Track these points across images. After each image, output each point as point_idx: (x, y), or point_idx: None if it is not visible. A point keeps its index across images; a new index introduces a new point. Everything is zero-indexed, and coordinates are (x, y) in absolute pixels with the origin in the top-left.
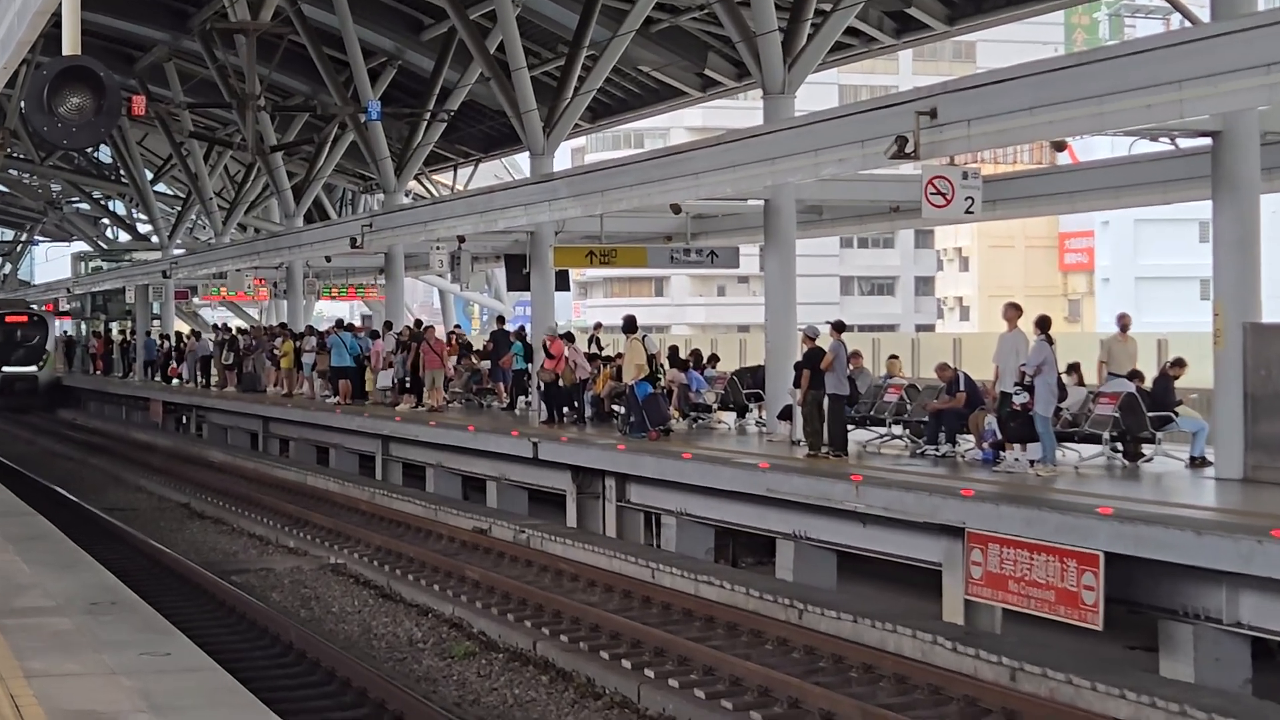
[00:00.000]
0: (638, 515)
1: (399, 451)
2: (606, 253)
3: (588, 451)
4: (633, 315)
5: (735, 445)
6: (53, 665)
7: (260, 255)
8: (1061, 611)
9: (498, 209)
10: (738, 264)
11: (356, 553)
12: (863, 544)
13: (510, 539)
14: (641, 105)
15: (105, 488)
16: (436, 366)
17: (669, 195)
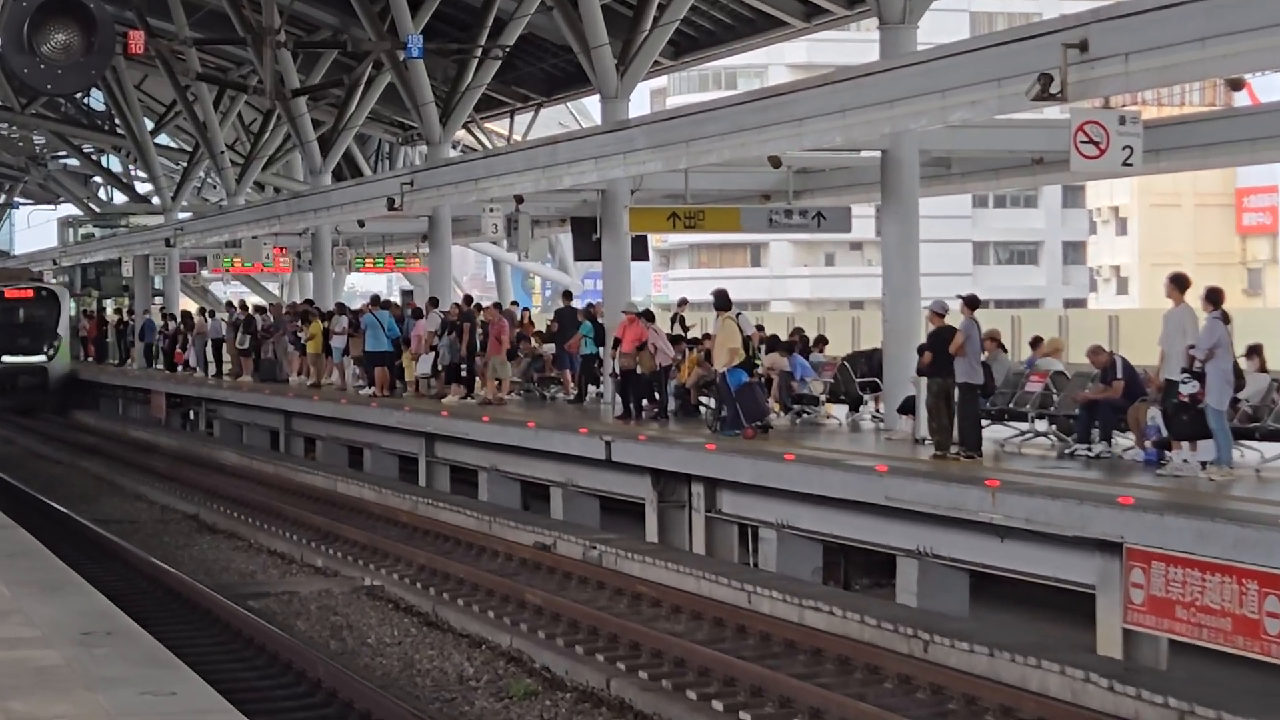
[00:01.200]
0: (730, 528)
1: (446, 452)
2: (692, 215)
3: (671, 452)
4: (724, 289)
5: (847, 444)
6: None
7: (281, 219)
8: (1239, 643)
9: (562, 163)
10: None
11: (396, 573)
12: (1000, 563)
13: (578, 556)
14: (734, 39)
15: (99, 496)
16: (498, 352)
17: (767, 146)
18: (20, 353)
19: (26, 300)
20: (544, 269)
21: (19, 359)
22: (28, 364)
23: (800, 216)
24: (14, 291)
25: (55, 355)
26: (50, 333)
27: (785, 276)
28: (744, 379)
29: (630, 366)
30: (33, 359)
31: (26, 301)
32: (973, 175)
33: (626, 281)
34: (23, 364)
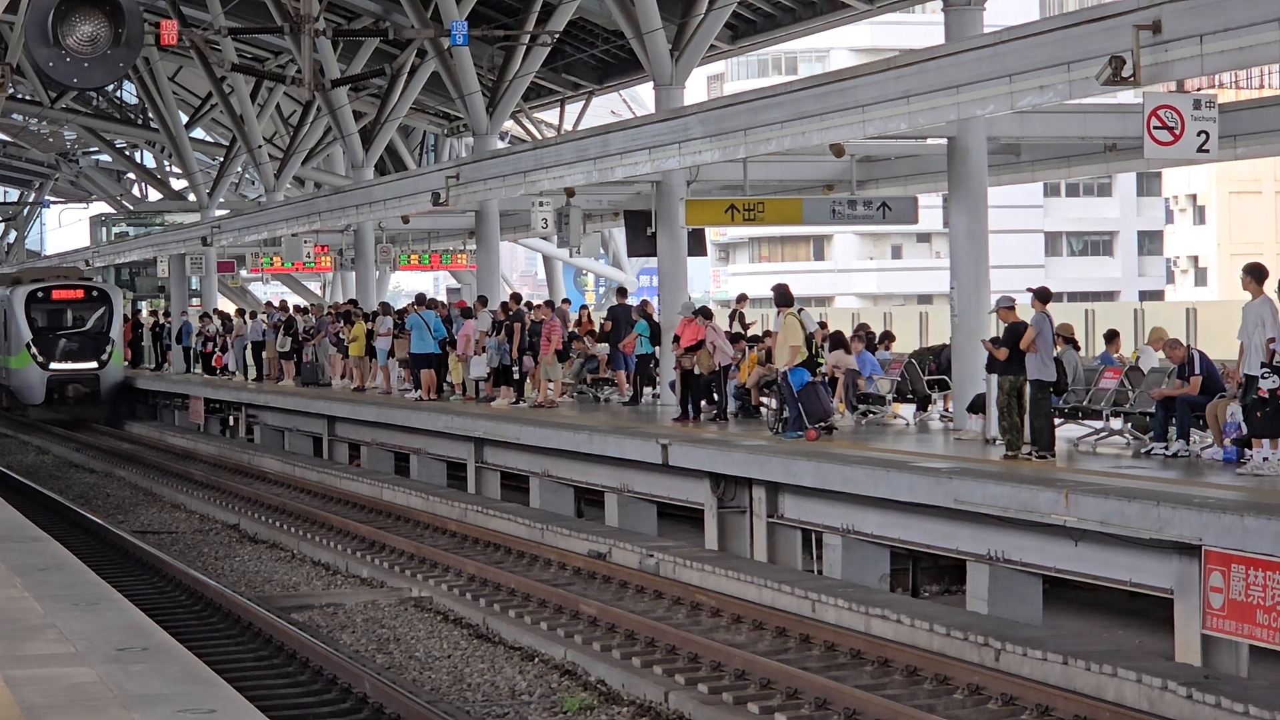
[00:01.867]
0: (793, 534)
1: (496, 458)
2: (751, 206)
3: (731, 455)
4: (785, 284)
5: (915, 445)
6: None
7: (322, 216)
8: None
9: (615, 154)
10: (916, 218)
11: (445, 583)
12: (1074, 567)
13: (635, 565)
14: (794, 21)
15: (135, 506)
16: (549, 353)
17: (829, 134)
18: (70, 359)
19: (76, 301)
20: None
21: (68, 366)
22: (78, 372)
23: (865, 207)
24: (62, 292)
25: (108, 361)
26: (102, 337)
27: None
28: (807, 378)
29: (688, 366)
30: (84, 366)
31: (76, 303)
32: (1043, 163)
33: (683, 277)
34: (73, 372)
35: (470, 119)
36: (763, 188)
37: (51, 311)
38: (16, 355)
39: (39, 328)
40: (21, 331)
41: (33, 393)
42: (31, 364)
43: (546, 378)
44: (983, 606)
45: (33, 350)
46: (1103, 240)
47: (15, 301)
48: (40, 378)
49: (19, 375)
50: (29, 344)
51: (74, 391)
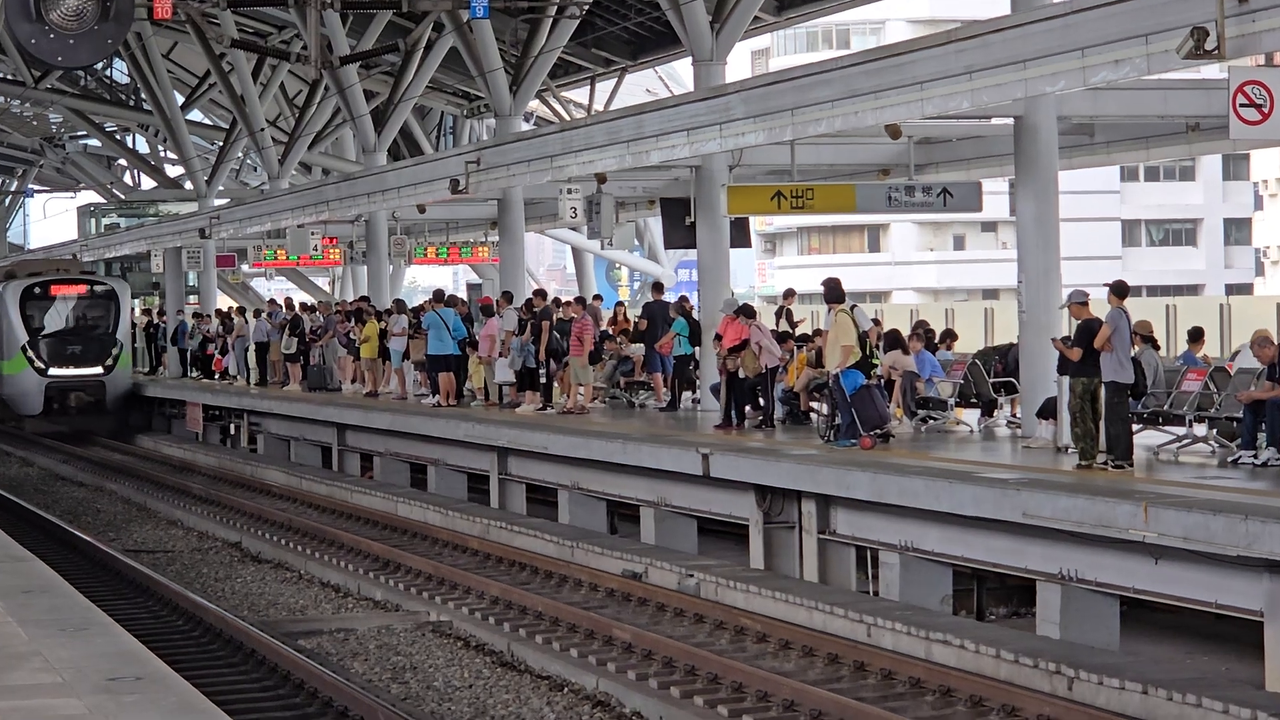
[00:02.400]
0: (847, 551)
1: (521, 469)
2: (800, 193)
3: (778, 466)
4: (837, 278)
5: (980, 454)
6: None
7: (330, 206)
8: None
9: (650, 136)
10: (979, 205)
11: (466, 606)
12: (1154, 587)
13: (673, 585)
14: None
15: (128, 522)
16: (580, 354)
17: (885, 114)
18: (72, 364)
19: (78, 298)
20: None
21: (70, 371)
22: (81, 378)
23: (924, 194)
24: (62, 287)
25: (114, 366)
26: (108, 338)
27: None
28: (861, 381)
29: (731, 369)
30: (87, 372)
31: (78, 299)
32: (1119, 144)
33: (725, 271)
34: (75, 378)
35: (492, 99)
36: (812, 173)
37: (50, 309)
38: (10, 359)
39: (36, 328)
40: (16, 332)
41: (29, 401)
42: (28, 369)
43: (576, 381)
44: (1054, 630)
45: (29, 353)
46: (1185, 229)
47: (8, 298)
48: (38, 385)
49: (13, 382)
50: (25, 346)
51: (76, 400)
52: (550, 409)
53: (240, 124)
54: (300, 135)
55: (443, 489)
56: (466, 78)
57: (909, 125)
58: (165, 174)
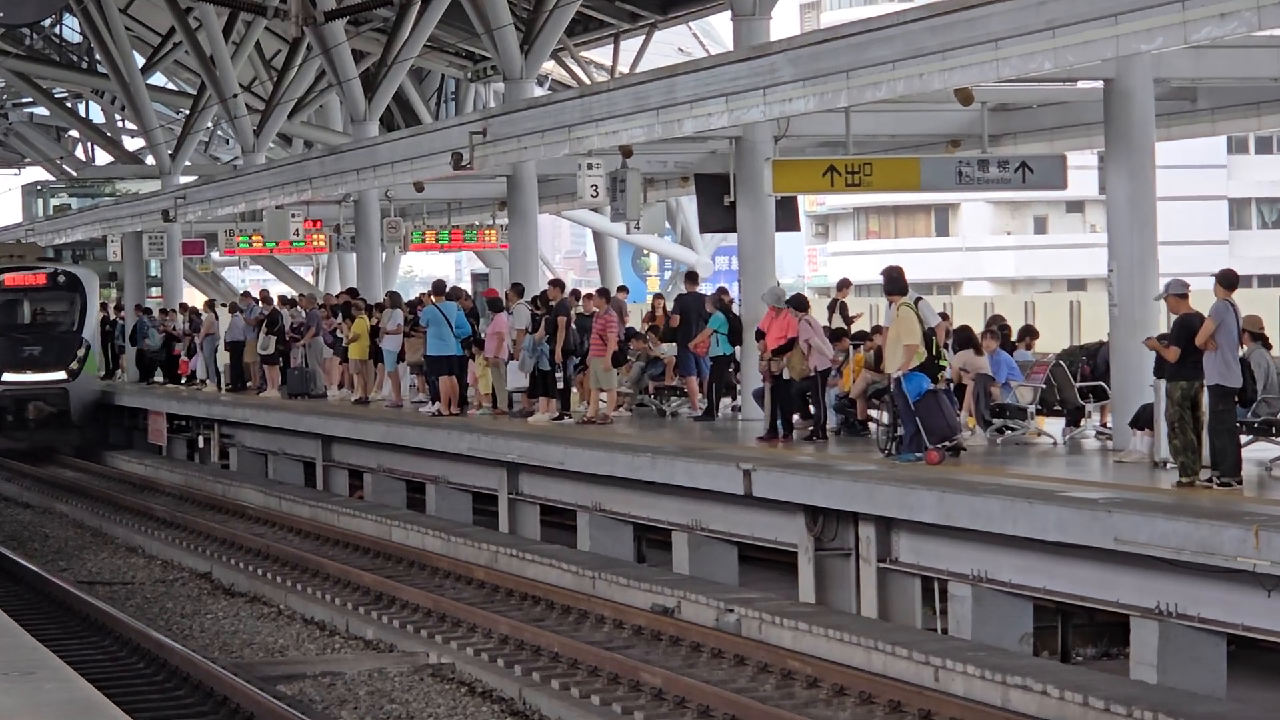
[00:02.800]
0: (910, 582)
1: (534, 488)
2: (856, 169)
3: (831, 484)
4: (899, 267)
5: (1064, 470)
6: None
7: (314, 183)
8: None
9: (683, 103)
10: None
11: (470, 646)
12: (1267, 623)
13: (710, 622)
14: None
15: (80, 550)
16: (602, 355)
17: (954, 77)
18: (29, 368)
19: (35, 290)
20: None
21: (27, 377)
22: (41, 385)
23: (999, 169)
24: (16, 276)
25: (80, 371)
26: (71, 337)
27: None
28: (926, 386)
29: (776, 371)
30: (48, 377)
31: (35, 291)
32: (1225, 111)
33: (770, 258)
34: (33, 385)
35: (500, 60)
36: (870, 145)
37: (2, 304)
38: None
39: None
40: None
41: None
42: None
43: (598, 386)
44: (1151, 674)
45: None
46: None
47: None
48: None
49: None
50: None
51: (35, 412)
52: (568, 418)
53: (209, 89)
54: (279, 103)
55: (444, 511)
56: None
57: (982, 89)
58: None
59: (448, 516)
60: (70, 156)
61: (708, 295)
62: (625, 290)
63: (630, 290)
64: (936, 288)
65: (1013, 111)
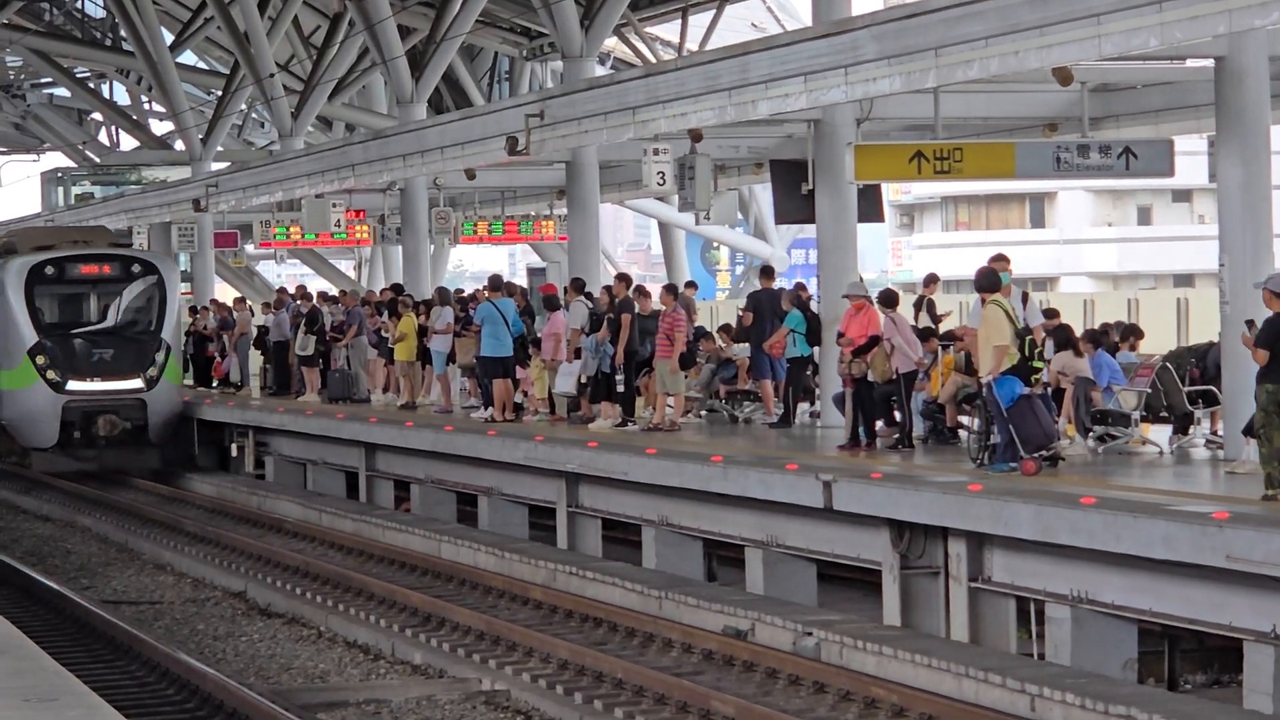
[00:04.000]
0: (1004, 603)
1: (596, 500)
2: (945, 154)
3: (918, 496)
4: (994, 265)
5: (1172, 481)
6: None
7: (356, 170)
8: None
9: (758, 83)
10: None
11: (526, 672)
12: None
13: (787, 646)
14: None
15: (105, 566)
16: (669, 356)
17: (1052, 54)
18: (98, 375)
19: (106, 281)
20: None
21: (96, 386)
22: (113, 396)
23: (1100, 154)
24: (86, 266)
25: (159, 378)
26: (149, 338)
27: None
28: (1019, 390)
29: (856, 374)
30: (120, 386)
31: (106, 284)
32: None
33: (851, 252)
34: (105, 395)
35: (559, 36)
36: (961, 128)
37: (68, 297)
38: (12, 369)
39: (48, 324)
40: (20, 331)
41: (39, 429)
42: (37, 383)
43: (664, 390)
44: (1266, 703)
45: (39, 361)
46: None
47: (9, 283)
48: (51, 405)
49: (16, 401)
50: (32, 351)
51: (106, 427)
52: (632, 425)
53: (243, 69)
54: (318, 83)
55: (497, 525)
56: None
57: (1082, 68)
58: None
59: (502, 531)
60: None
61: (784, 291)
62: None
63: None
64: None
65: (1115, 92)
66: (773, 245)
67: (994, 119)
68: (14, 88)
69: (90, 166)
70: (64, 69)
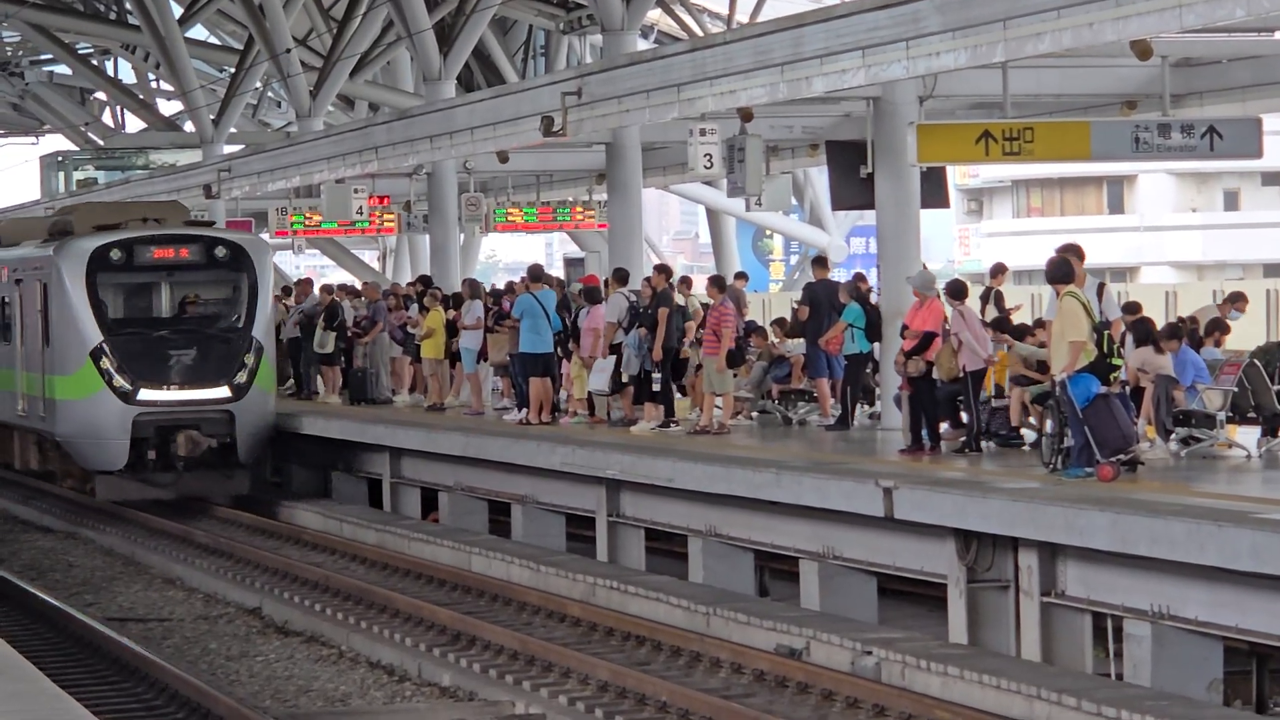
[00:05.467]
0: (1079, 619)
1: (637, 509)
2: (1015, 134)
3: (985, 504)
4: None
5: (1261, 488)
6: None
7: (380, 153)
8: None
9: (812, 57)
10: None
11: (564, 694)
12: None
13: (845, 665)
14: None
15: (110, 581)
16: (716, 353)
17: (1130, 26)
18: (176, 383)
19: (185, 268)
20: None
21: (172, 395)
22: (193, 407)
23: (1183, 134)
24: (160, 249)
25: (249, 386)
26: (237, 337)
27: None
28: (1096, 389)
29: (914, 371)
30: (203, 395)
31: (185, 271)
32: None
33: (914, 240)
34: (182, 407)
35: (598, 8)
36: (1032, 106)
37: (138, 287)
38: (71, 374)
39: (115, 320)
40: (81, 329)
41: (104, 449)
42: (102, 392)
43: (712, 390)
44: None
45: (104, 364)
46: None
47: (67, 271)
48: (120, 419)
49: (76, 413)
50: (96, 352)
51: (186, 446)
52: (676, 427)
53: (258, 44)
54: (339, 59)
55: (532, 536)
56: None
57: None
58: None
59: (536, 542)
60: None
61: (841, 283)
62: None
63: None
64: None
65: (1199, 67)
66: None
67: (1067, 96)
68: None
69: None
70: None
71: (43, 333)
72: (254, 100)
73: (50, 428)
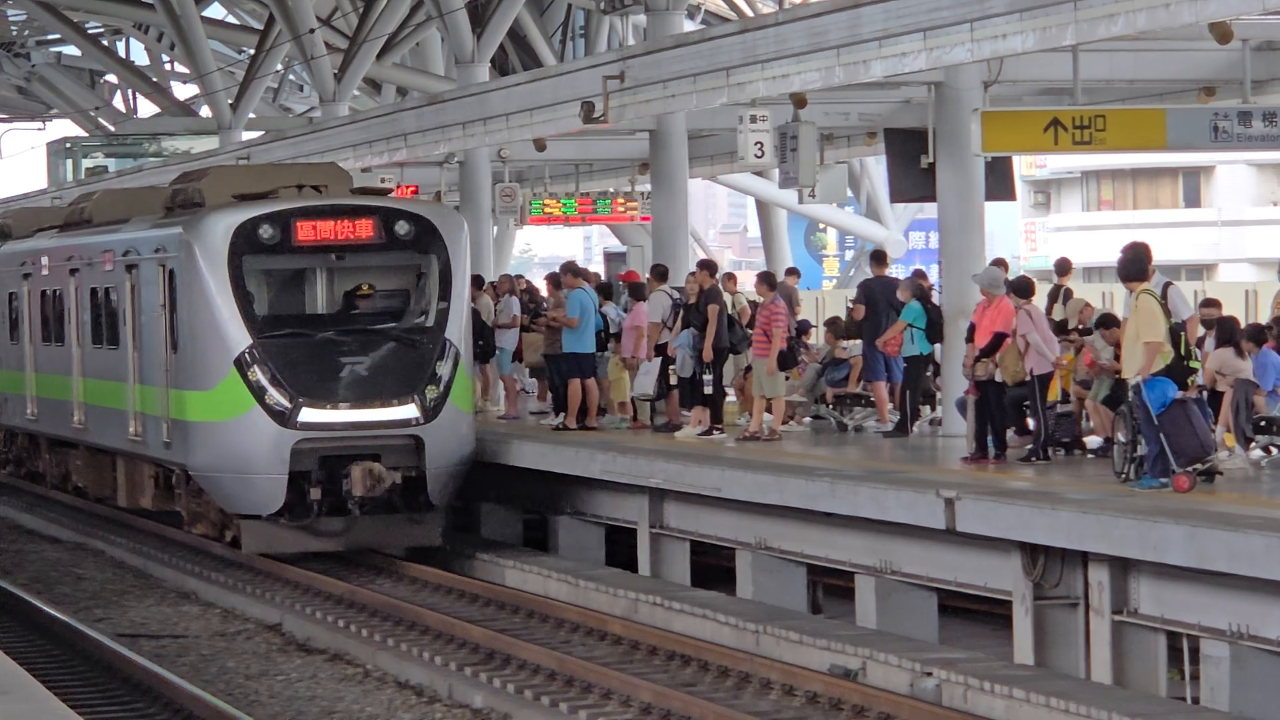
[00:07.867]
0: (1153, 639)
1: (682, 520)
2: (1085, 122)
3: (1054, 516)
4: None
5: None
6: None
7: (408, 140)
8: None
9: (870, 40)
10: None
11: (604, 716)
12: None
13: (903, 687)
14: None
15: (122, 595)
16: (765, 354)
17: (1209, 7)
18: (347, 400)
19: (357, 249)
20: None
21: (343, 416)
22: (372, 431)
23: (1264, 123)
24: (324, 223)
25: (443, 404)
26: (426, 340)
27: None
28: (1172, 394)
29: (984, 375)
30: (382, 416)
31: (357, 252)
32: None
33: (979, 234)
34: (358, 431)
35: None
36: (1104, 93)
37: (295, 276)
38: (211, 389)
39: (267, 318)
40: (222, 329)
41: (254, 487)
42: (251, 412)
43: (763, 394)
44: None
45: (253, 376)
46: None
47: (201, 251)
48: (274, 447)
49: (217, 440)
50: (244, 360)
51: (365, 482)
52: (718, 432)
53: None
54: (365, 40)
55: (570, 549)
56: None
57: (1243, 23)
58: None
59: (575, 556)
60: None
61: (900, 280)
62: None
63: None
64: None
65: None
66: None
67: (1141, 82)
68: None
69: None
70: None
71: (167, 334)
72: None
73: (177, 457)
